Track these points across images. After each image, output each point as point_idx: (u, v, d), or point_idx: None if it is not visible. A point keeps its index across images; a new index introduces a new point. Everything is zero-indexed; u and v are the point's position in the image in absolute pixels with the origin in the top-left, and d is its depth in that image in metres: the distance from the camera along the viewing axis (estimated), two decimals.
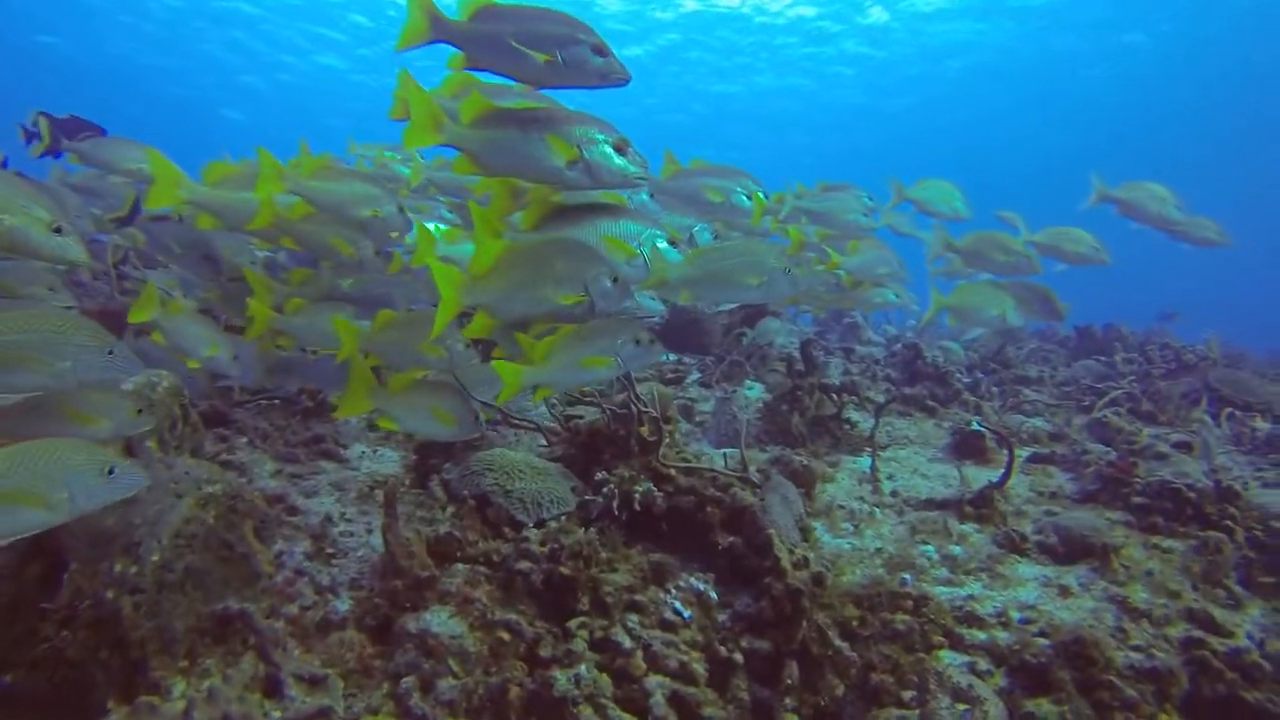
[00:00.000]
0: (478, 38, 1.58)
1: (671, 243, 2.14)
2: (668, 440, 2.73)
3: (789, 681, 2.23)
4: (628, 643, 2.04)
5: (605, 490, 2.49)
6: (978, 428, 4.08)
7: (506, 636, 1.96)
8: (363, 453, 2.85)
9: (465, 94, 1.88)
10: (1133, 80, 23.20)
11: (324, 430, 2.80)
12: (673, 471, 2.64)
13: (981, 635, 2.47)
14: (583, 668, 1.92)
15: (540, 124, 1.75)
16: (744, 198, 2.56)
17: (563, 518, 2.42)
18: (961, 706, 2.18)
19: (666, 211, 2.47)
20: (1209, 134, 27.16)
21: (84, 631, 1.52)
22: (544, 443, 3.16)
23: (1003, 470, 3.35)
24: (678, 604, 2.25)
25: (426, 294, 2.28)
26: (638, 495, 2.49)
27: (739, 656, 2.21)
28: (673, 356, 6.28)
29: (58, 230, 1.51)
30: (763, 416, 4.58)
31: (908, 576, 2.73)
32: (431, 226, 2.55)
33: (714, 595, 2.35)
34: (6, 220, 1.44)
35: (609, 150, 1.80)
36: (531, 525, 2.39)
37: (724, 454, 3.22)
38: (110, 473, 1.44)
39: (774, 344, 5.41)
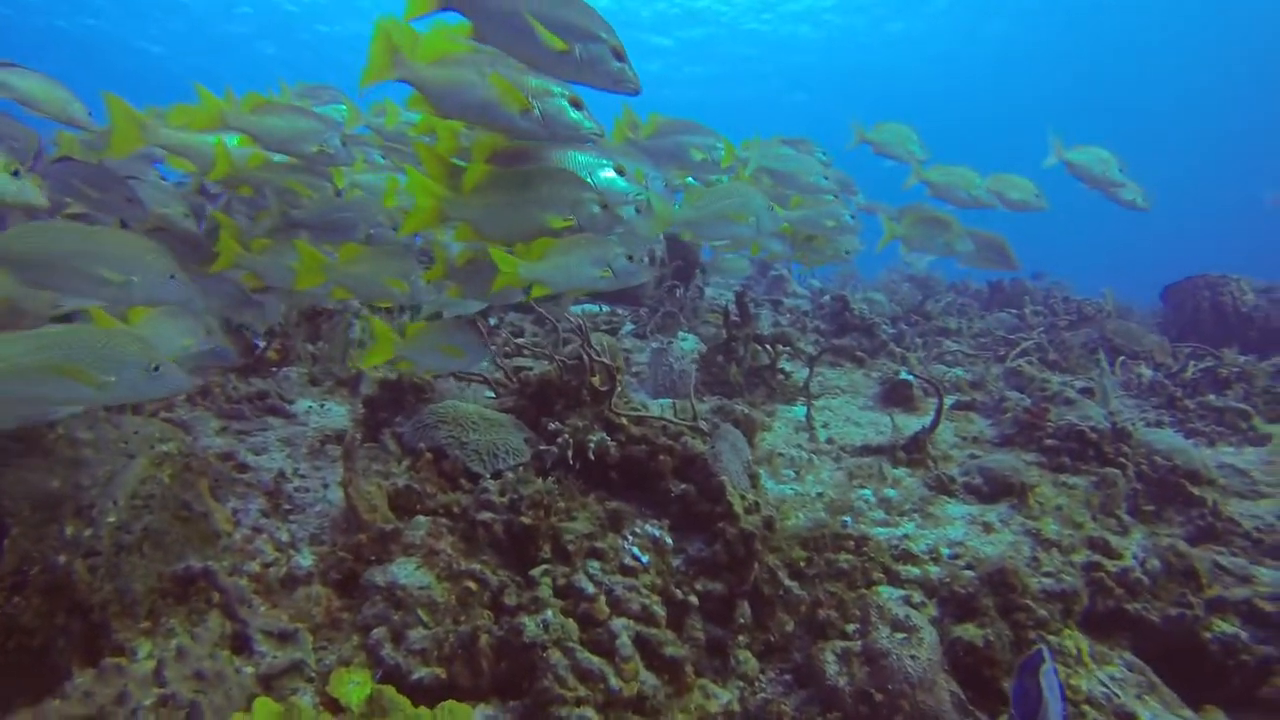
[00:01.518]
0: (490, 10, 1.49)
1: (619, 171, 2.17)
2: (619, 390, 2.77)
3: (741, 620, 2.35)
4: (590, 588, 2.10)
5: (560, 440, 2.51)
6: (907, 377, 4.30)
7: (473, 586, 1.99)
8: (309, 408, 2.78)
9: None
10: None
11: (266, 386, 2.70)
12: (624, 421, 2.69)
13: (915, 570, 2.66)
14: (549, 613, 1.98)
15: (501, 71, 1.71)
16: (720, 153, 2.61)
17: (519, 468, 2.44)
18: (899, 635, 2.36)
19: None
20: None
21: (37, 597, 1.46)
22: (490, 394, 3.16)
23: (931, 417, 3.56)
24: (635, 550, 2.33)
25: (383, 215, 2.24)
26: (592, 445, 2.53)
27: (694, 599, 2.31)
28: (605, 308, 6.30)
29: (15, 174, 1.47)
30: (699, 367, 4.69)
31: (848, 519, 2.90)
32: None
33: (669, 541, 2.44)
34: None
35: (565, 104, 1.78)
36: (488, 476, 2.40)
37: (671, 404, 3.29)
38: (155, 369, 1.48)
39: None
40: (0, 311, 1.62)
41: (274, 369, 3.13)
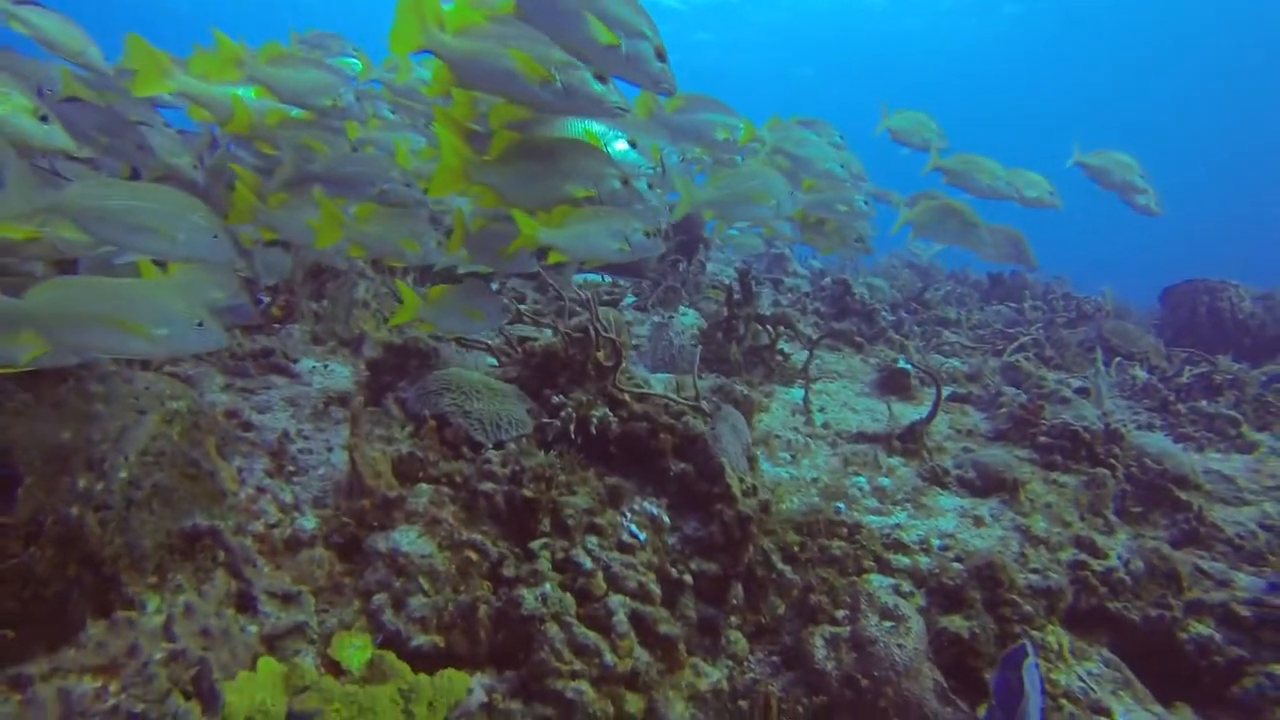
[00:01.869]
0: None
1: (631, 144, 2.18)
2: (623, 365, 2.77)
3: (734, 601, 2.39)
4: (589, 563, 2.12)
5: (564, 414, 2.53)
6: (905, 366, 4.33)
7: (474, 556, 2.01)
8: (313, 367, 2.77)
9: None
10: None
11: (271, 344, 2.69)
12: (627, 397, 2.70)
13: (906, 560, 2.71)
14: (547, 586, 2.01)
15: (524, 44, 1.69)
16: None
17: (521, 440, 2.46)
18: (887, 623, 2.41)
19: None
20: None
21: (51, 548, 1.47)
22: (493, 361, 3.16)
23: (926, 407, 3.59)
24: (633, 527, 2.35)
25: (396, 172, 2.24)
26: (594, 420, 2.55)
27: (688, 578, 2.34)
28: (608, 279, 6.28)
29: (44, 119, 1.49)
30: (698, 344, 4.70)
31: (841, 505, 2.94)
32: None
33: (666, 519, 2.46)
34: None
35: (588, 76, 1.76)
36: (490, 446, 2.41)
37: (674, 382, 3.30)
38: (200, 325, 1.58)
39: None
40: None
41: (277, 325, 3.12)
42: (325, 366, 2.79)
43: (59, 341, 1.45)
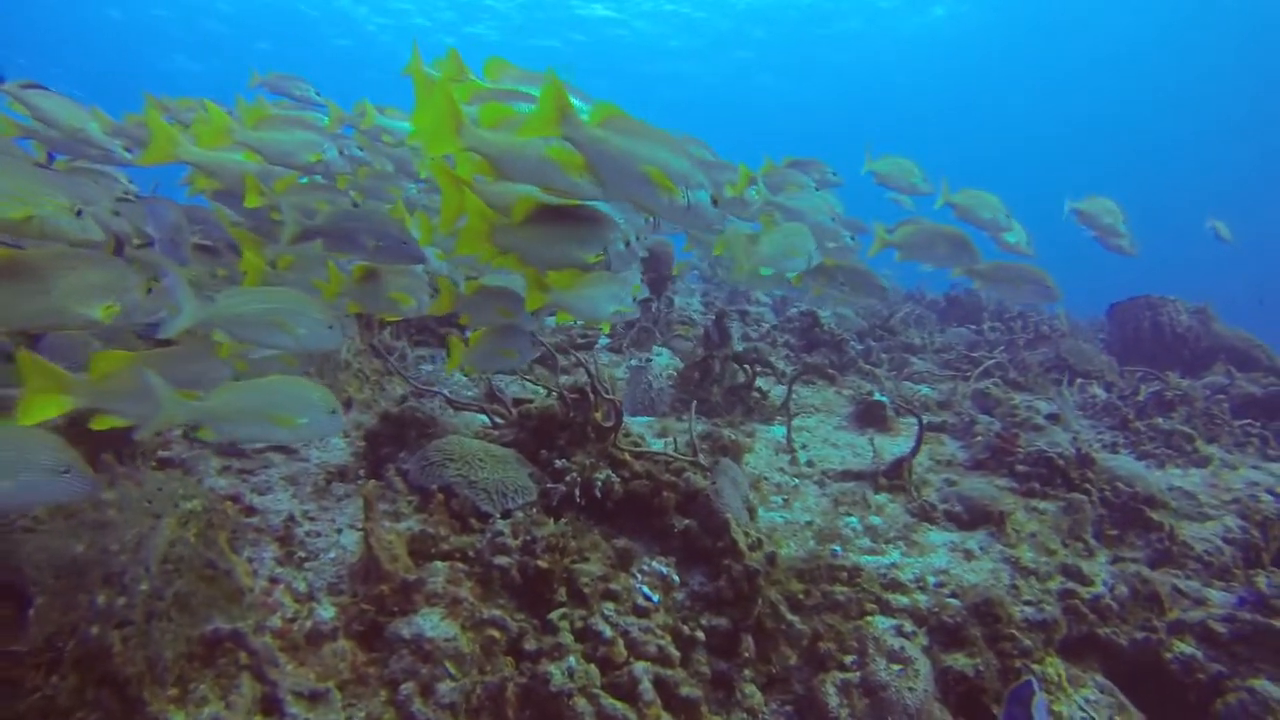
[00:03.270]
0: (609, 154, 1.49)
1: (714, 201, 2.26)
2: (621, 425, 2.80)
3: (746, 654, 2.42)
4: (608, 631, 2.13)
5: (569, 478, 2.54)
6: (880, 398, 4.44)
7: (497, 634, 2.00)
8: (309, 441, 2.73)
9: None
10: None
11: None
12: (628, 457, 2.72)
13: (904, 599, 2.77)
14: (572, 659, 2.01)
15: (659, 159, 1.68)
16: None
17: (530, 508, 2.46)
18: (895, 666, 2.47)
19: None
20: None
21: (73, 675, 1.42)
22: (485, 420, 3.15)
23: (905, 437, 3.70)
24: (646, 589, 2.37)
25: (395, 229, 2.29)
26: (599, 482, 2.56)
27: (700, 634, 2.36)
28: (579, 321, 6.31)
29: (79, 214, 1.57)
30: (675, 385, 4.75)
31: (838, 548, 3.00)
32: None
33: (676, 578, 2.49)
34: (39, 211, 1.51)
35: (706, 197, 1.81)
36: (498, 516, 2.41)
37: (670, 442, 3.34)
38: (333, 412, 1.85)
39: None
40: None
41: None
42: (321, 440, 2.75)
43: (228, 436, 1.81)
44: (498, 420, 3.02)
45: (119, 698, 1.48)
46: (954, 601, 2.74)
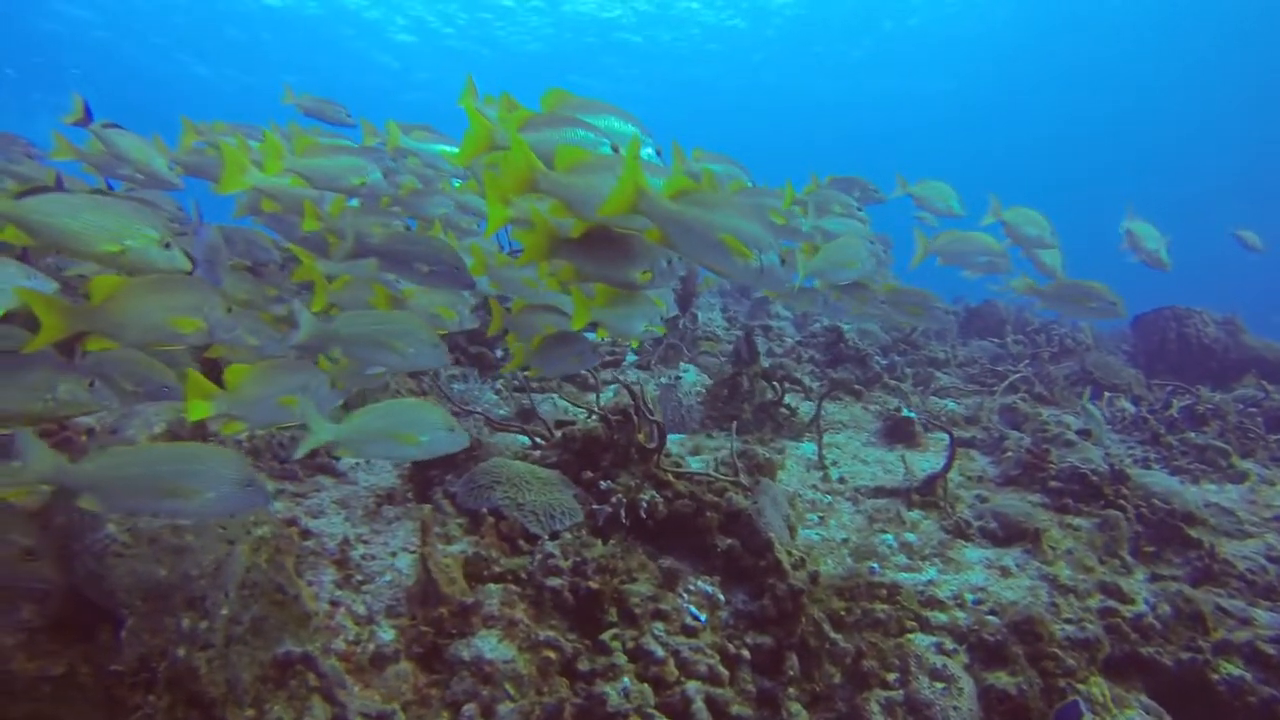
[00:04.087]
0: (686, 224, 1.57)
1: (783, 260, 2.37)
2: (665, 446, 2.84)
3: (791, 672, 2.44)
4: (660, 651, 2.17)
5: (615, 499, 2.58)
6: (909, 414, 4.46)
7: (552, 655, 2.04)
8: (355, 464, 2.79)
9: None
10: None
11: None
12: (670, 476, 2.77)
13: (943, 617, 2.79)
14: (626, 680, 2.04)
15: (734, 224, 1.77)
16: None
17: (579, 529, 2.50)
18: (939, 685, 2.49)
19: None
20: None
21: (166, 694, 1.48)
22: (525, 440, 3.21)
23: (933, 453, 3.72)
24: (693, 608, 2.41)
25: (448, 256, 2.37)
26: (644, 503, 2.61)
27: (745, 652, 2.39)
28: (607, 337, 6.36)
29: (167, 246, 1.67)
30: (704, 402, 4.79)
31: (875, 565, 3.02)
32: None
33: (721, 596, 2.52)
34: (131, 244, 1.61)
35: (778, 259, 1.91)
36: (546, 537, 2.45)
37: (710, 464, 3.38)
38: (451, 430, 1.94)
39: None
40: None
41: None
42: (368, 462, 2.81)
43: (363, 455, 2.03)
44: (538, 441, 3.07)
45: (205, 716, 1.53)
46: (993, 619, 2.75)
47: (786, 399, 4.77)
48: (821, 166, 3.67)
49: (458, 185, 3.12)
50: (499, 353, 4.93)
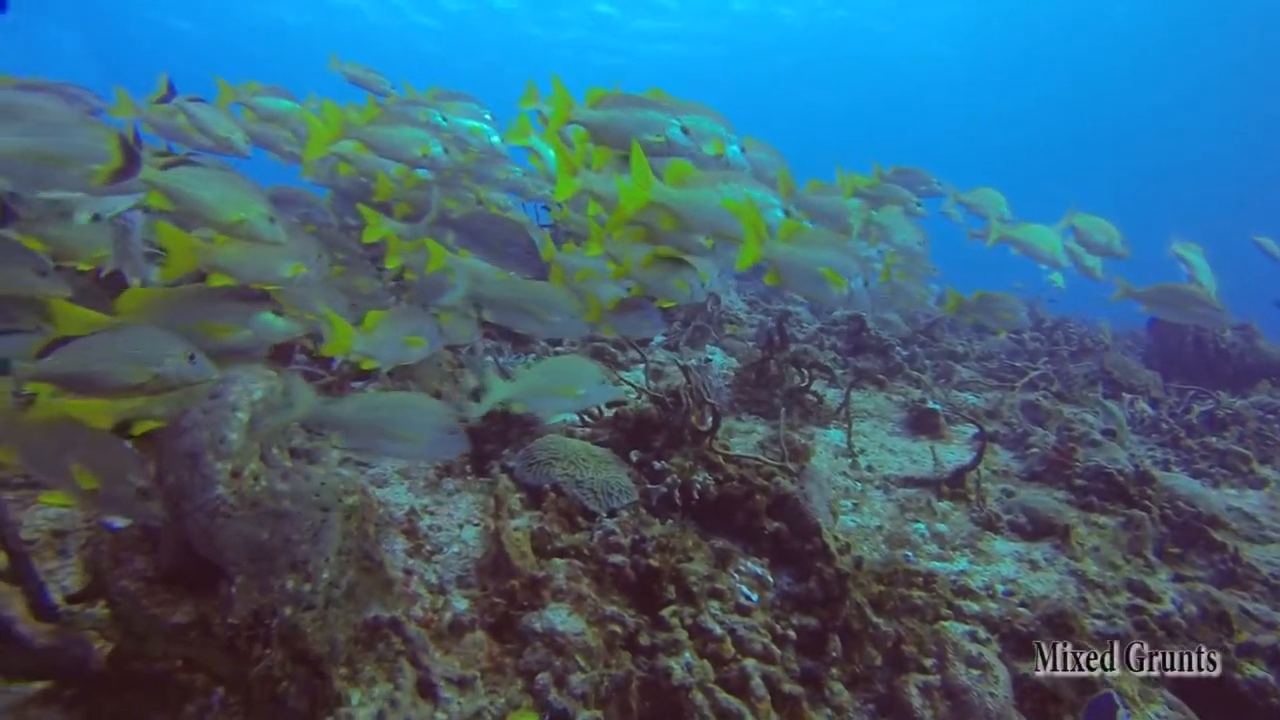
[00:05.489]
0: (792, 263, 1.92)
1: (786, 213, 2.39)
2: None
3: (834, 654, 2.52)
4: (718, 629, 2.24)
5: (669, 480, 2.64)
6: (934, 406, 4.53)
7: (617, 629, 2.11)
8: None
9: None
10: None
11: None
12: (720, 459, 2.83)
13: (976, 607, 2.87)
14: (688, 655, 2.12)
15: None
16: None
17: (637, 508, 2.56)
18: (975, 671, 2.57)
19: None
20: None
21: (279, 648, 1.55)
22: (573, 417, 3.26)
23: (958, 445, 3.79)
24: (745, 589, 2.48)
25: (523, 239, 2.42)
26: (697, 484, 2.67)
27: (791, 633, 2.47)
28: None
29: (271, 220, 1.76)
30: (732, 385, 4.84)
31: (910, 554, 3.09)
32: None
33: (770, 578, 2.59)
34: (244, 216, 1.70)
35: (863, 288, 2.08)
36: (604, 515, 2.51)
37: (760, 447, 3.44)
38: (603, 382, 2.15)
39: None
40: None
41: (354, 383, 3.18)
42: None
43: (530, 406, 2.18)
44: (587, 420, 3.13)
45: (312, 673, 1.60)
46: (1025, 611, 2.83)
47: (815, 386, 4.83)
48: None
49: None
50: None
